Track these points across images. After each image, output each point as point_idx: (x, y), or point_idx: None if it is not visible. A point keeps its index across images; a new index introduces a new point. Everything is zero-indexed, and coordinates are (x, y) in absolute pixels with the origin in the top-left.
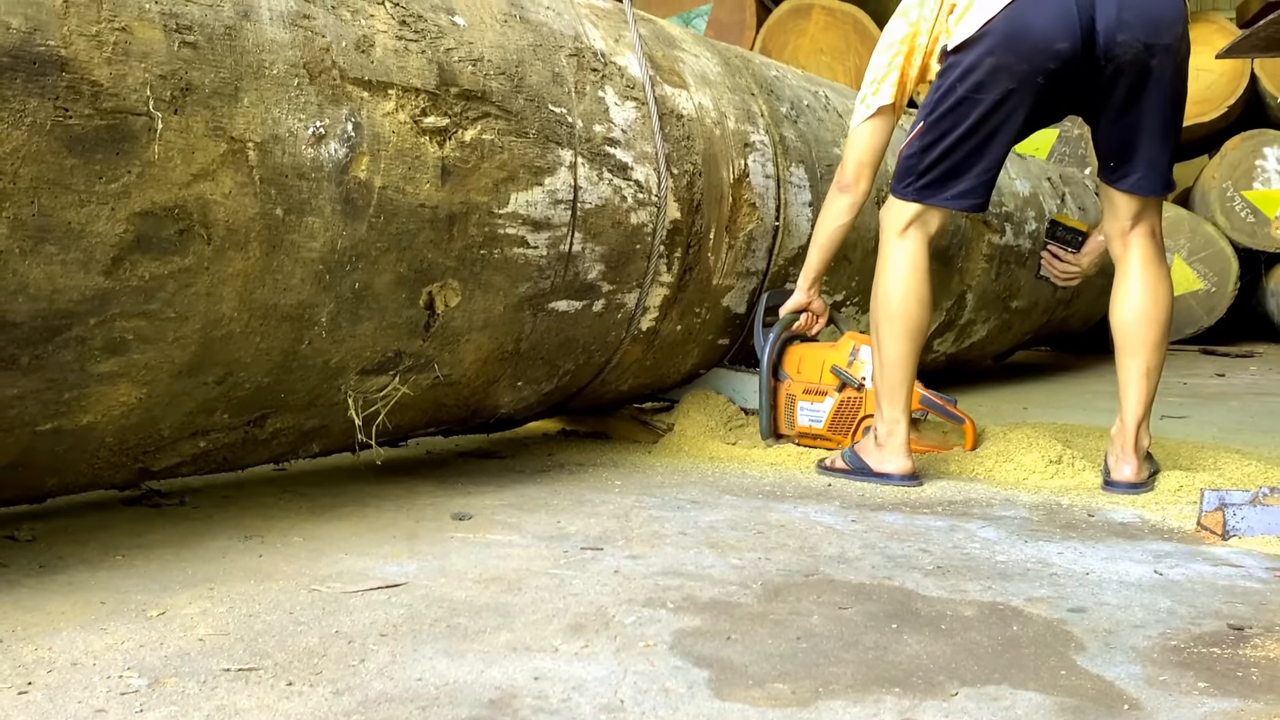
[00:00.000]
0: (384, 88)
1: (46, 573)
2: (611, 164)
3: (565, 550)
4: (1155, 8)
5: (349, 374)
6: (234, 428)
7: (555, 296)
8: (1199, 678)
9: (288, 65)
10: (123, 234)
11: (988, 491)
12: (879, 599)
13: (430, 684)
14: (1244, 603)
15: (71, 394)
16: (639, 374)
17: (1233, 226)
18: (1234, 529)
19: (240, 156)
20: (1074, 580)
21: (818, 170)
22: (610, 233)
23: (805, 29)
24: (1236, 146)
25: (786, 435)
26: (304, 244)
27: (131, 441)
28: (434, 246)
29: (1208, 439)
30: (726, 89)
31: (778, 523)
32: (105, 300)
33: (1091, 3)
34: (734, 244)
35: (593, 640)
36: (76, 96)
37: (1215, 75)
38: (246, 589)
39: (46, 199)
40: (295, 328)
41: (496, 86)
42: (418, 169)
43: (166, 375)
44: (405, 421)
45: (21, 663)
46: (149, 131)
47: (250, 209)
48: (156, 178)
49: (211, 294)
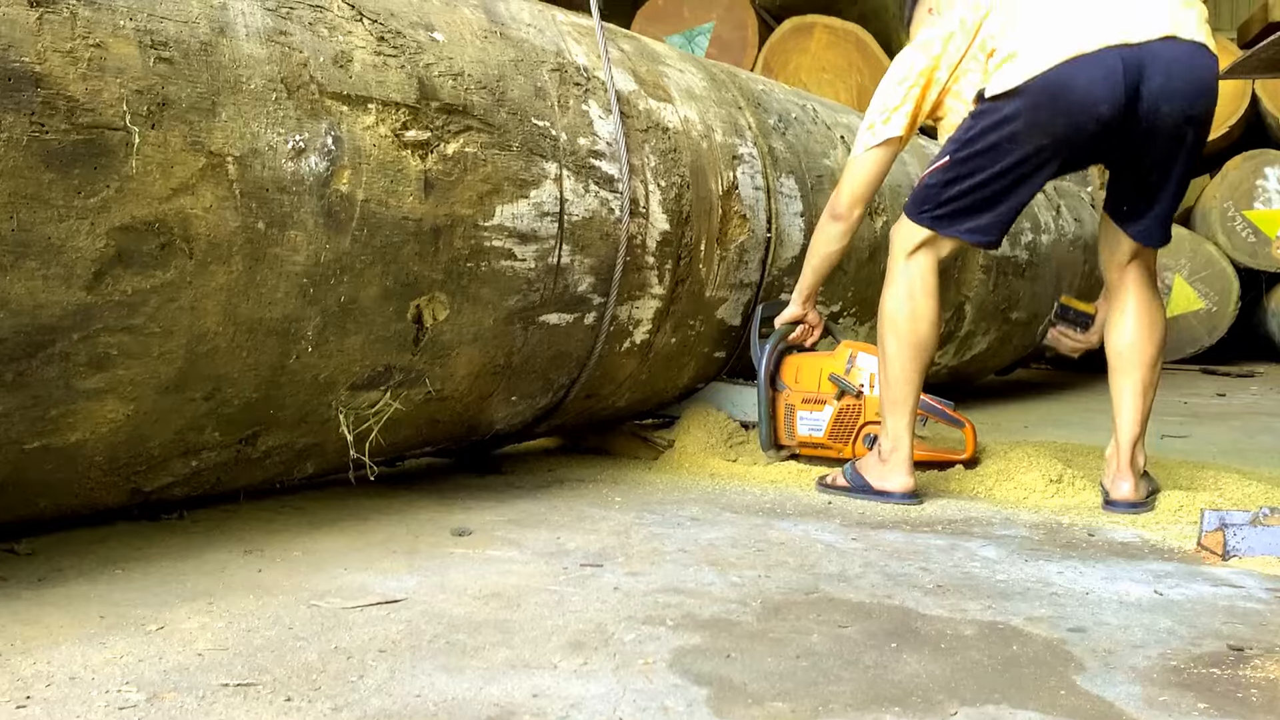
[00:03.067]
0: (363, 102)
1: (45, 586)
2: (598, 176)
3: (565, 567)
4: (1201, 76)
5: (339, 389)
6: (225, 446)
7: (546, 309)
8: (1199, 698)
9: (265, 80)
10: (103, 248)
11: (988, 510)
12: (879, 617)
13: (429, 700)
14: (1244, 623)
15: (58, 410)
16: (634, 388)
17: (1234, 246)
18: (1234, 549)
19: (220, 171)
20: (1074, 600)
21: (808, 181)
22: (599, 244)
23: (807, 47)
24: (1238, 166)
25: (787, 445)
26: (287, 257)
27: (122, 460)
28: (420, 259)
29: (1208, 459)
30: (713, 102)
31: (778, 540)
32: (88, 315)
33: (1140, 67)
34: (725, 255)
35: (592, 657)
36: (52, 112)
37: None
38: (246, 604)
39: (25, 214)
40: (282, 342)
41: (478, 100)
42: (400, 182)
43: (153, 391)
44: (399, 439)
45: (20, 676)
46: (126, 146)
47: (231, 223)
48: (136, 192)
49: (195, 308)
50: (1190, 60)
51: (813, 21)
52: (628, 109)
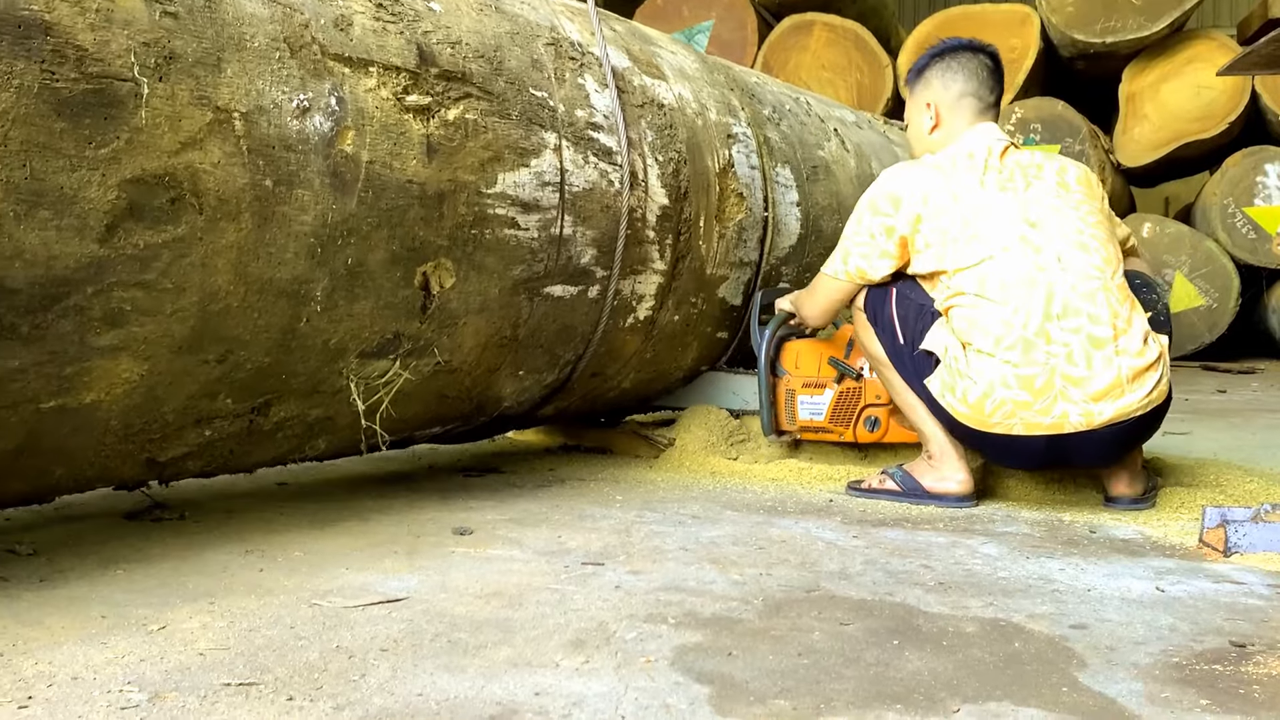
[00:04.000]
0: (365, 64)
1: (47, 586)
2: (596, 148)
3: (566, 565)
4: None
5: (349, 356)
6: (238, 415)
7: (550, 280)
8: (1201, 695)
9: (268, 39)
10: (115, 200)
11: (989, 507)
12: (880, 615)
13: (431, 699)
14: (1246, 620)
15: (73, 368)
16: (640, 367)
17: (1234, 243)
18: (1236, 546)
19: (227, 126)
20: (1076, 597)
21: (803, 171)
22: (600, 216)
23: (807, 45)
24: (1238, 163)
25: (788, 430)
26: (295, 217)
27: (137, 426)
28: (425, 224)
29: (1209, 455)
30: (705, 83)
31: (779, 538)
32: (102, 268)
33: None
34: (724, 233)
35: (594, 656)
36: (62, 60)
37: (1216, 92)
38: (247, 603)
39: (38, 162)
40: (292, 304)
41: (476, 69)
42: (403, 145)
43: (167, 350)
44: (409, 415)
45: (22, 677)
46: (135, 98)
47: (240, 179)
48: (145, 144)
49: (207, 265)
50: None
51: (812, 20)
52: (623, 84)
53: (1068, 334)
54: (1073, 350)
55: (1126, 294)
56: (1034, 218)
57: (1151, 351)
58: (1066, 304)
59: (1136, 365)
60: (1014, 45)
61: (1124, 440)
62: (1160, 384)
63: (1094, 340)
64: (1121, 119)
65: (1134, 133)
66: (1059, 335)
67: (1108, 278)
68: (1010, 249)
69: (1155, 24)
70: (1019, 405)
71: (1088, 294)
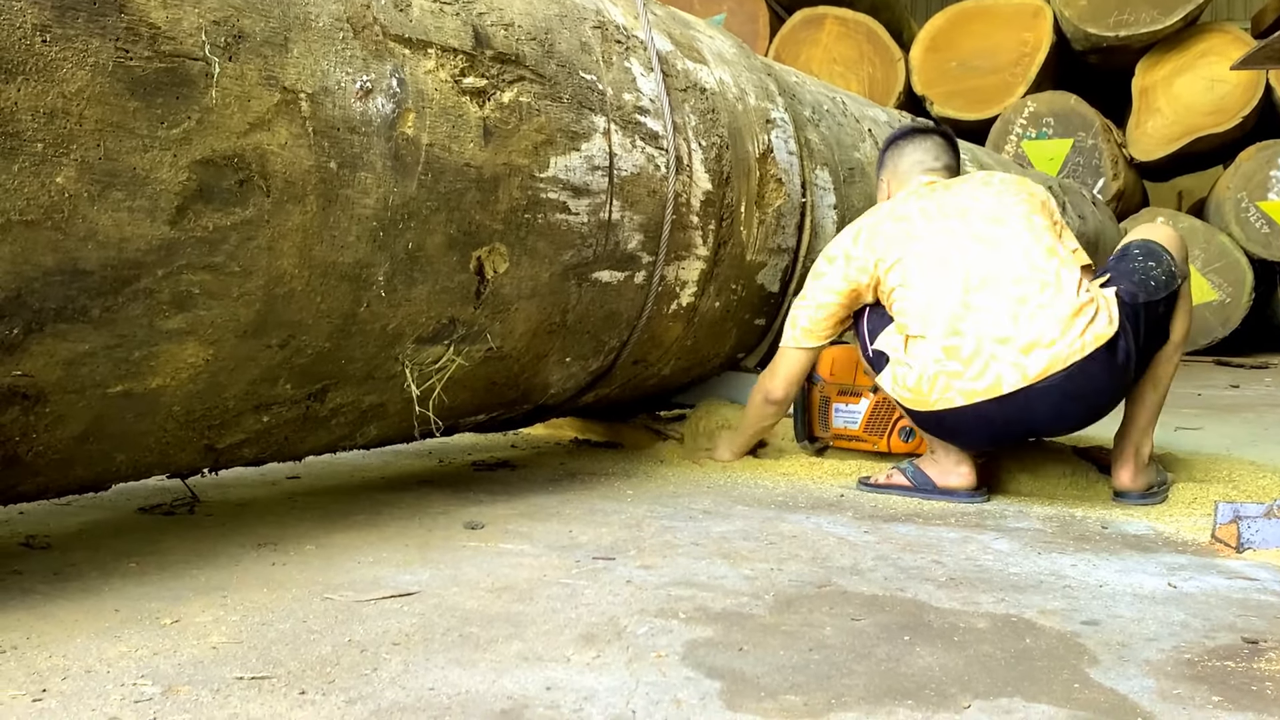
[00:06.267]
0: (424, 46)
1: (61, 580)
2: (643, 132)
3: (577, 560)
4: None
5: (405, 341)
6: (296, 401)
7: (598, 266)
8: (1213, 691)
9: (332, 19)
10: (185, 181)
11: (1001, 503)
12: (891, 610)
13: (443, 693)
14: (1258, 616)
15: (141, 352)
16: (680, 355)
17: (1247, 237)
18: (1248, 541)
19: (293, 107)
20: (1087, 592)
21: (840, 174)
22: (646, 201)
23: (818, 39)
24: (1251, 157)
25: (821, 437)
26: (358, 200)
27: (198, 412)
28: (480, 208)
29: (1222, 451)
30: (744, 68)
31: (790, 533)
32: (171, 251)
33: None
34: (764, 219)
35: (605, 650)
36: (135, 38)
37: (1230, 86)
38: (260, 597)
39: (112, 142)
40: (354, 288)
41: (529, 51)
42: (461, 128)
43: (232, 335)
44: (458, 402)
45: (36, 670)
46: (206, 77)
47: (306, 161)
48: (216, 125)
49: (273, 248)
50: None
51: (824, 13)
52: (667, 68)
53: (989, 299)
54: (997, 313)
55: (1054, 253)
56: (952, 210)
57: (1083, 297)
58: (985, 275)
59: (1063, 313)
60: (1026, 39)
61: (1076, 394)
62: (1094, 324)
63: (1018, 299)
64: (1134, 113)
65: (1147, 126)
66: (980, 302)
67: (1029, 243)
68: (925, 238)
69: (1169, 17)
70: (951, 376)
71: (1006, 260)
